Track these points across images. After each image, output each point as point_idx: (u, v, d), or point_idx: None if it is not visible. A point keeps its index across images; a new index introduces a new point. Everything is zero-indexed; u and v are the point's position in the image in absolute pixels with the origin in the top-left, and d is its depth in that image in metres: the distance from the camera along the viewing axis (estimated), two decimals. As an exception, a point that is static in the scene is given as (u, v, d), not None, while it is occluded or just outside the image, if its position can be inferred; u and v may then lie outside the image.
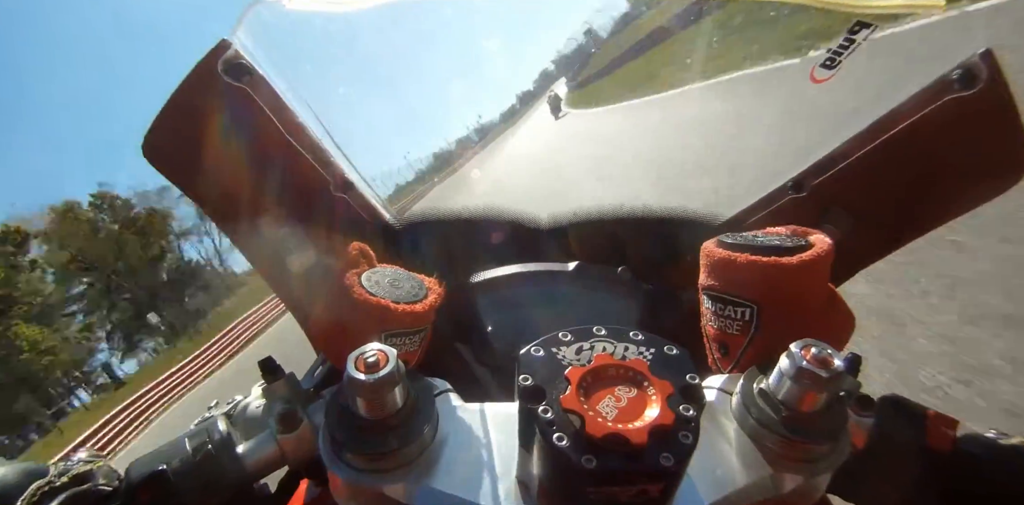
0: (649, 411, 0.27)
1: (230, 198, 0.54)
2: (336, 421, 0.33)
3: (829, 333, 0.38)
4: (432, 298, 0.47)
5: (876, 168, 0.52)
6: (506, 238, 0.72)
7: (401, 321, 0.43)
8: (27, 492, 0.35)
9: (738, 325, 0.40)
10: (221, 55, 0.46)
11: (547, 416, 0.27)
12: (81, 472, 0.38)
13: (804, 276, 0.38)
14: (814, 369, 0.31)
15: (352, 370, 0.30)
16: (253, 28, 0.47)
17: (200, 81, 0.47)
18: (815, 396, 0.31)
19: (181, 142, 0.50)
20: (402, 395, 0.32)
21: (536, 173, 6.14)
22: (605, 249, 0.70)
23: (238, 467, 0.40)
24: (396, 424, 0.32)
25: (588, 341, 0.30)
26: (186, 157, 0.51)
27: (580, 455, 0.25)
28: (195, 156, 0.51)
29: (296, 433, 0.41)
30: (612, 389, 0.28)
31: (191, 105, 0.48)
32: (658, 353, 0.30)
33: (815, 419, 0.32)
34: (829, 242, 0.40)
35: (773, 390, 0.33)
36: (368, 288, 0.44)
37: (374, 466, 0.32)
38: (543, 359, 0.30)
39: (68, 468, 0.38)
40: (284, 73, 0.51)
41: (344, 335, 0.43)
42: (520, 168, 6.47)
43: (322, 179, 0.57)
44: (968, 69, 0.43)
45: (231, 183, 0.54)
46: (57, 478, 0.37)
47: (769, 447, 0.33)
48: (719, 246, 0.42)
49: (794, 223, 0.45)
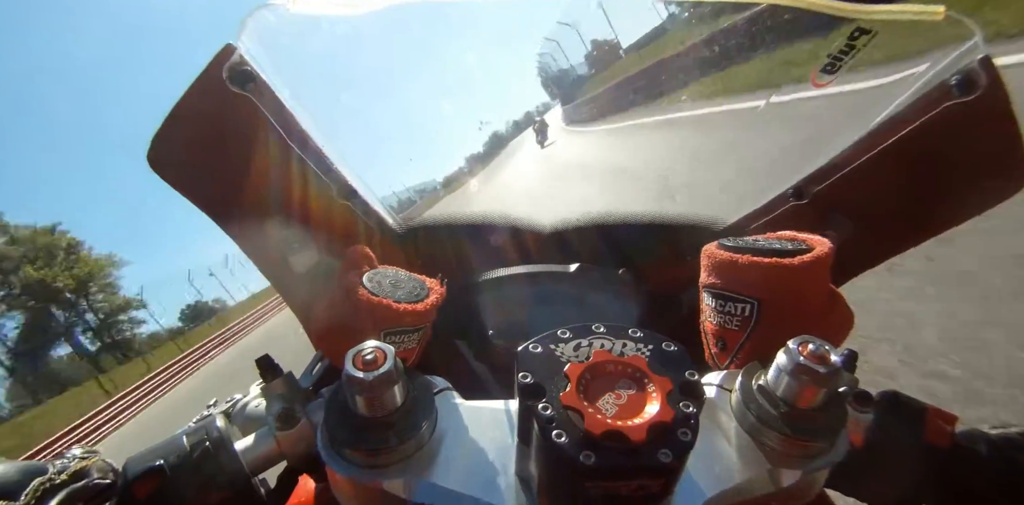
0: (649, 408, 0.27)
1: (234, 204, 0.54)
2: (334, 418, 0.33)
3: (827, 331, 0.38)
4: (433, 298, 0.47)
5: (876, 175, 0.52)
6: (508, 242, 0.72)
7: (402, 320, 0.43)
8: (29, 488, 0.35)
9: (738, 320, 0.41)
10: (225, 61, 0.46)
11: (547, 413, 0.27)
12: (79, 468, 0.38)
13: (805, 276, 0.39)
14: (811, 365, 0.31)
15: (350, 368, 0.31)
16: (257, 33, 0.47)
17: (205, 88, 0.47)
18: (813, 392, 0.31)
19: (186, 149, 0.50)
20: (401, 392, 0.32)
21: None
22: (606, 253, 0.71)
23: (236, 463, 0.40)
24: (394, 421, 0.32)
25: (587, 338, 0.30)
26: (190, 164, 0.51)
27: (579, 452, 0.25)
28: (199, 163, 0.52)
29: (295, 430, 0.41)
30: (611, 386, 0.28)
31: (196, 112, 0.48)
32: (656, 350, 0.30)
33: (814, 415, 0.32)
34: (830, 245, 0.40)
35: (772, 386, 0.33)
36: (370, 288, 0.44)
37: (373, 462, 0.32)
38: (542, 356, 0.30)
39: (66, 465, 0.38)
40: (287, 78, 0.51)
41: (345, 334, 0.43)
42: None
43: (325, 185, 0.57)
44: (967, 75, 0.43)
45: (235, 189, 0.54)
46: (57, 475, 0.37)
47: (768, 443, 0.33)
48: (720, 248, 0.42)
49: (795, 229, 0.45)
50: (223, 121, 0.50)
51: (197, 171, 0.52)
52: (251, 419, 0.47)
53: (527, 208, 0.74)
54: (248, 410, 0.47)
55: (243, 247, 0.56)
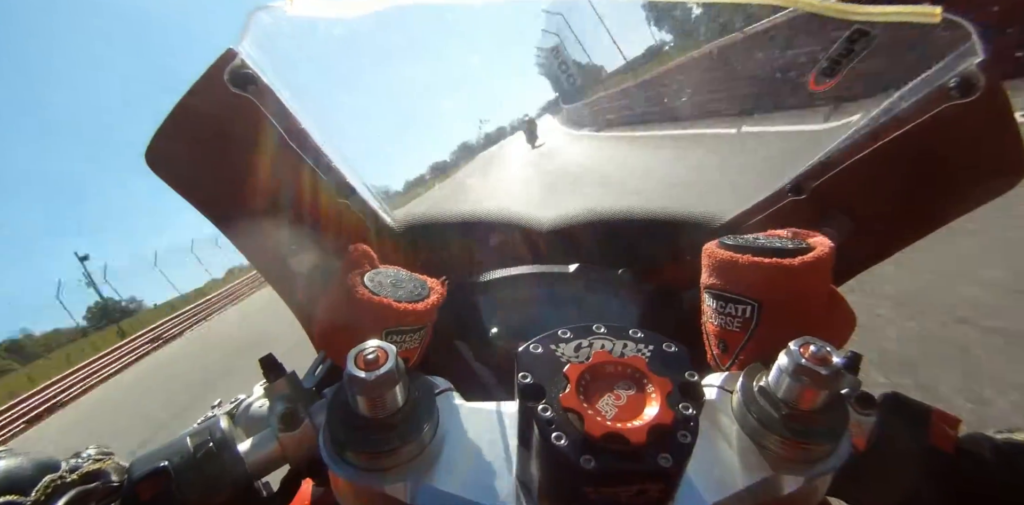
0: (648, 410, 0.26)
1: (233, 205, 0.55)
2: (337, 419, 0.33)
3: (829, 332, 0.38)
4: (434, 298, 0.47)
5: (874, 172, 0.52)
6: (507, 240, 0.72)
7: (403, 320, 0.44)
8: (40, 485, 0.36)
9: (739, 322, 0.41)
10: (227, 64, 0.47)
11: (546, 415, 0.26)
12: (91, 470, 0.39)
13: (805, 277, 0.39)
14: (813, 367, 0.30)
15: (352, 367, 0.31)
16: (257, 35, 0.47)
17: (205, 90, 0.48)
18: (815, 394, 0.31)
19: (184, 150, 0.51)
20: (402, 394, 0.32)
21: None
22: (606, 250, 0.71)
23: (239, 465, 0.41)
24: (397, 422, 0.32)
25: (587, 338, 0.30)
26: (189, 165, 0.52)
27: (579, 455, 0.25)
28: (198, 164, 0.52)
29: (297, 432, 0.41)
30: (611, 387, 0.28)
31: (196, 114, 0.49)
32: (657, 350, 0.30)
33: (816, 418, 0.32)
34: (830, 244, 0.40)
35: (773, 388, 0.33)
36: (371, 288, 0.44)
37: (374, 465, 0.32)
38: (542, 356, 0.30)
39: (79, 465, 0.39)
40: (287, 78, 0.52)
41: (346, 334, 0.43)
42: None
43: (325, 185, 0.57)
44: (966, 78, 0.43)
45: (234, 190, 0.55)
46: (68, 474, 0.37)
47: (770, 447, 0.32)
48: (721, 247, 0.42)
49: (794, 226, 0.45)
50: (223, 122, 0.51)
51: (196, 171, 0.53)
52: (254, 420, 0.48)
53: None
54: (251, 411, 0.48)
55: (241, 248, 0.57)
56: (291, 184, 0.56)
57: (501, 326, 0.67)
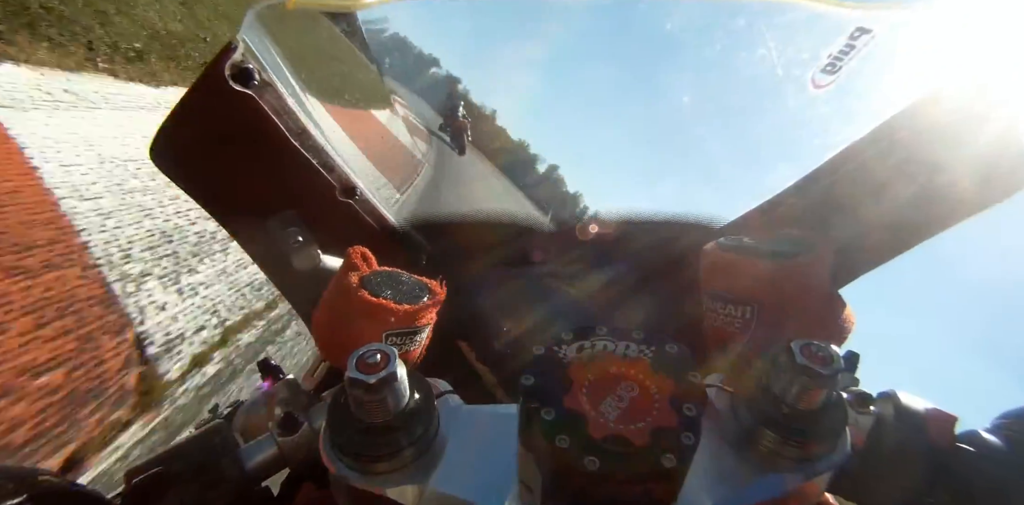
0: (651, 411, 0.26)
1: (235, 201, 0.55)
2: (336, 423, 0.33)
3: (829, 332, 0.38)
4: (434, 299, 0.47)
5: (877, 175, 0.52)
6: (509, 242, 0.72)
7: (402, 321, 0.43)
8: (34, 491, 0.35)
9: (738, 323, 0.41)
10: (228, 59, 0.47)
11: (548, 417, 0.26)
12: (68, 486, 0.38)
13: (804, 279, 0.39)
14: (812, 366, 0.31)
15: (352, 370, 0.30)
16: (259, 30, 0.47)
17: (208, 86, 0.48)
18: (815, 394, 0.31)
19: (188, 146, 0.51)
20: (403, 396, 0.32)
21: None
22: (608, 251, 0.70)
23: (238, 469, 0.40)
24: (397, 426, 0.32)
25: (589, 339, 0.30)
26: (191, 161, 0.52)
27: (582, 457, 0.25)
28: (201, 160, 0.52)
29: (297, 435, 0.41)
30: (614, 388, 0.28)
31: (199, 110, 0.49)
32: (659, 351, 0.30)
33: (815, 417, 0.32)
34: (830, 247, 0.40)
35: (773, 388, 0.33)
36: (370, 289, 0.44)
37: (375, 468, 0.32)
38: (544, 358, 0.29)
39: (60, 481, 0.38)
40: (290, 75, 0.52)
41: (345, 336, 0.43)
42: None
43: (327, 184, 0.57)
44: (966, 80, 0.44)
45: (236, 187, 0.54)
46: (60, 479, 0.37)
47: (770, 447, 0.33)
48: (720, 249, 0.42)
49: (794, 228, 0.45)
50: (226, 119, 0.50)
51: (198, 167, 0.53)
52: (253, 424, 0.47)
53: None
54: (250, 415, 0.47)
55: (243, 245, 0.57)
56: (293, 183, 0.56)
57: (502, 327, 0.67)
